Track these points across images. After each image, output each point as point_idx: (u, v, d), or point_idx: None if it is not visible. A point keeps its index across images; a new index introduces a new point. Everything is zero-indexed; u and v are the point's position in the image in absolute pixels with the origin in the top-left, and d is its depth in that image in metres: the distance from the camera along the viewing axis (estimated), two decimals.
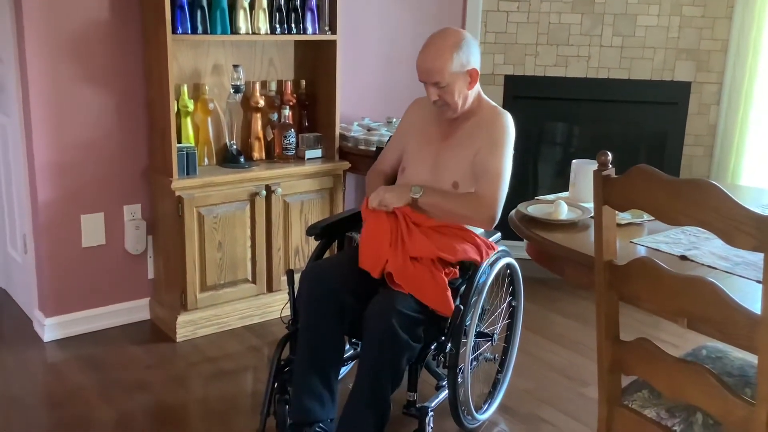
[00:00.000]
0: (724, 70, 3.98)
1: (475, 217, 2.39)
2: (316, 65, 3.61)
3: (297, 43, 3.58)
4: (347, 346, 2.57)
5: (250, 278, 3.38)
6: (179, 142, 3.19)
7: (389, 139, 2.75)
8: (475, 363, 2.58)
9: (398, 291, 2.22)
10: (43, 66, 2.98)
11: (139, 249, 3.35)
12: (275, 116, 3.49)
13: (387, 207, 2.38)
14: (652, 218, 1.99)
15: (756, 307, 1.38)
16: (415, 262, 2.27)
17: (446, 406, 2.45)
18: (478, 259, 2.38)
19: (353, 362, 2.75)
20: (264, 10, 3.24)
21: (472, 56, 2.39)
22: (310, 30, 3.41)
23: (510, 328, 2.80)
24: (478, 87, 2.47)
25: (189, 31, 3.06)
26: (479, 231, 2.47)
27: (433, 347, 2.32)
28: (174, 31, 2.99)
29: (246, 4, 3.19)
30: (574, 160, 2.48)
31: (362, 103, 3.92)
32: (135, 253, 3.35)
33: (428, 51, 2.38)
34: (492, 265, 2.47)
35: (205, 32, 3.11)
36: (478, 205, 2.37)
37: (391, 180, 2.63)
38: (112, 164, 3.22)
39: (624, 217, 2.15)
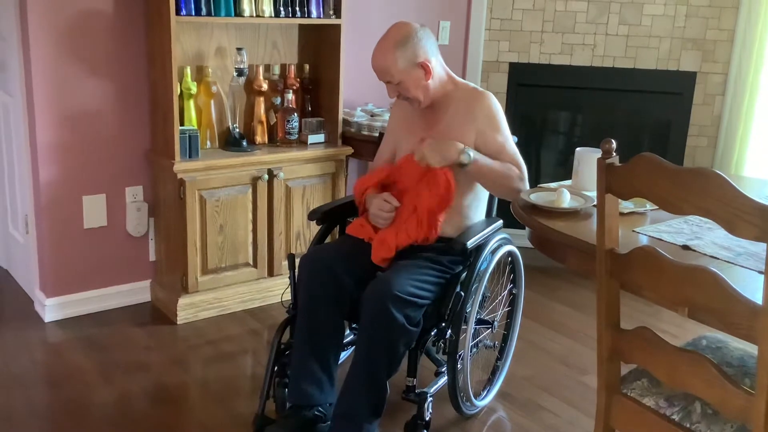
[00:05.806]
0: (730, 60, 3.96)
1: (515, 185, 2.38)
2: (320, 49, 3.59)
3: (301, 26, 3.56)
4: (347, 331, 2.58)
5: (251, 262, 3.38)
6: (182, 124, 3.18)
7: (380, 135, 2.75)
8: (474, 350, 2.59)
9: (395, 274, 2.21)
10: (46, 45, 2.97)
11: (141, 231, 3.35)
12: (278, 100, 3.48)
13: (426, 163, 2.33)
14: (655, 207, 1.99)
15: (757, 297, 1.38)
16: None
17: (445, 392, 2.46)
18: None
19: (354, 347, 2.75)
20: None
21: (420, 49, 2.34)
22: (314, 14, 3.39)
23: (510, 315, 2.80)
24: (442, 72, 2.43)
25: (193, 13, 3.04)
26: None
27: (433, 333, 2.32)
28: (178, 13, 2.97)
29: None
30: (577, 148, 2.47)
31: (366, 88, 3.89)
32: (136, 235, 3.35)
33: (375, 51, 2.39)
34: (493, 252, 2.47)
35: (208, 14, 3.10)
36: (515, 174, 2.38)
37: None
38: (115, 146, 3.22)
39: (627, 205, 2.14)
